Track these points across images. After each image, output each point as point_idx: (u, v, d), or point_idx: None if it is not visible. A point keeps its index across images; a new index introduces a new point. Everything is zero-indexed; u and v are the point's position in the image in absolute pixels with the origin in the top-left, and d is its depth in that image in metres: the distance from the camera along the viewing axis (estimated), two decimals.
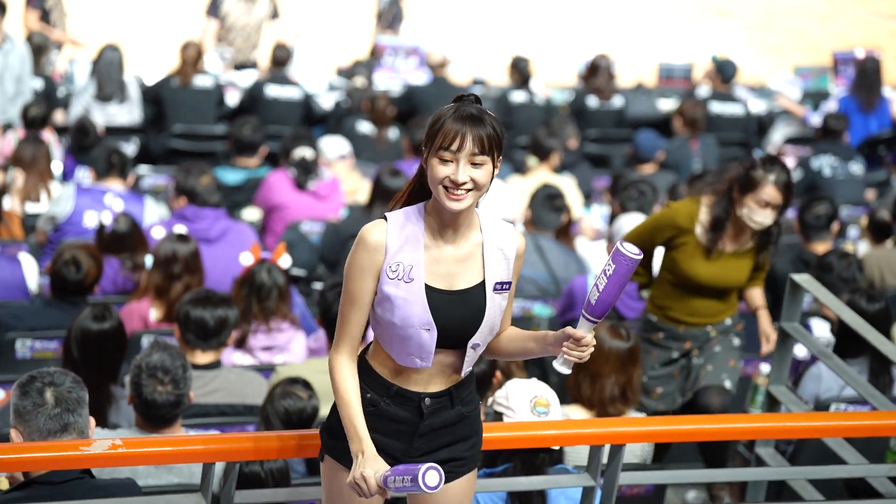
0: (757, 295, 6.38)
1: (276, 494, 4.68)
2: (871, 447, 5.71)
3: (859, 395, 5.70)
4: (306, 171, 9.38)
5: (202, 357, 5.96)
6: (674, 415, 6.26)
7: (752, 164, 6.12)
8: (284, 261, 6.74)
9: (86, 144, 9.96)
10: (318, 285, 8.20)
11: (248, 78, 12.56)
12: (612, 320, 5.97)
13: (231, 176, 10.05)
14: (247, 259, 6.71)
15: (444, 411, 3.98)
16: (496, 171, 3.87)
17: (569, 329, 3.83)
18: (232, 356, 6.47)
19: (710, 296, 6.29)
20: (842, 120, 11.50)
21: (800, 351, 6.51)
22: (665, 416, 6.20)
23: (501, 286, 3.93)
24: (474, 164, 3.78)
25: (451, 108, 3.83)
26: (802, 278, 5.59)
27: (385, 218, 3.90)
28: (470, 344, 3.92)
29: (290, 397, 5.35)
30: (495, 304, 3.92)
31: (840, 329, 6.30)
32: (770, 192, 6.02)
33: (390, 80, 13.28)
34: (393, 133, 11.54)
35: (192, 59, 11.71)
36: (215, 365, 5.99)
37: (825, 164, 11.01)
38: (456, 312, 3.86)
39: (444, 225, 3.88)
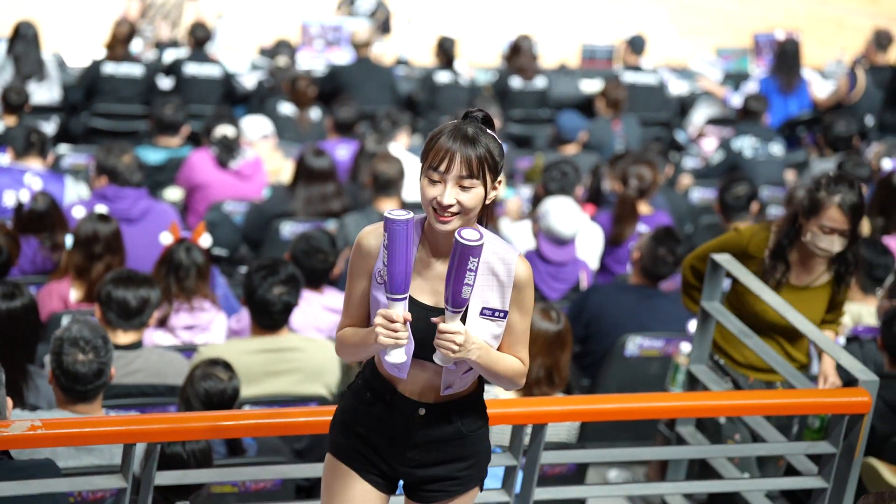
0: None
1: (198, 475, 4.67)
2: (789, 425, 5.76)
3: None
4: (228, 149, 9.32)
5: (123, 337, 5.90)
6: None
7: (816, 184, 5.50)
8: (205, 240, 6.69)
9: (16, 104, 9.87)
10: (241, 267, 8.15)
11: (168, 57, 12.44)
12: (542, 303, 5.94)
13: (153, 155, 9.97)
14: (166, 239, 6.66)
15: (441, 425, 3.89)
16: (495, 194, 3.76)
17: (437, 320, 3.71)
18: (153, 336, 6.42)
19: (779, 336, 5.76)
20: (762, 101, 11.57)
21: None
22: (587, 395, 6.21)
23: (492, 313, 3.79)
24: (462, 188, 3.68)
25: (449, 126, 3.74)
26: (722, 258, 5.61)
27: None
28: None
29: (211, 378, 5.33)
30: (480, 329, 3.77)
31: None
32: (834, 215, 5.42)
33: (314, 60, 13.21)
34: (315, 113, 11.48)
35: (123, 36, 11.57)
36: (137, 345, 5.94)
37: (746, 145, 11.08)
38: (431, 329, 3.70)
39: (437, 242, 3.79)
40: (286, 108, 11.45)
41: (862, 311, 7.12)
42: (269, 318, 6.10)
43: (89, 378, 5.03)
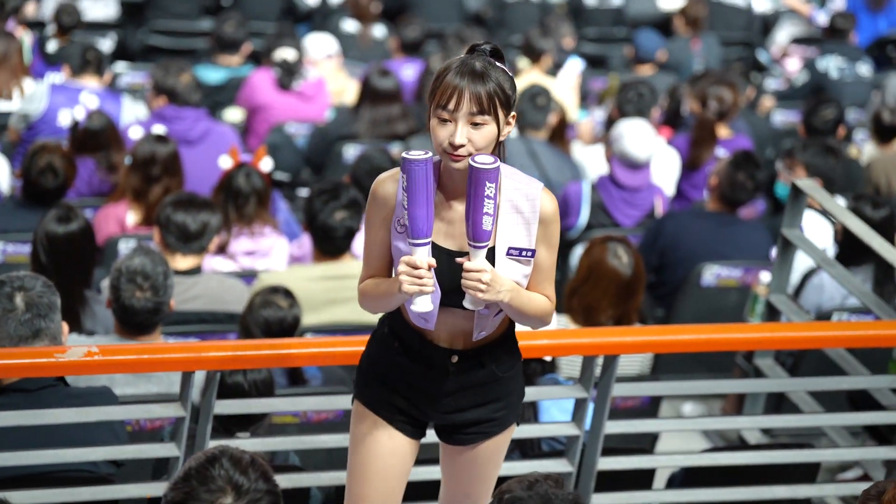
0: None
1: (258, 405, 4.58)
2: (873, 359, 5.63)
3: (862, 305, 5.59)
4: (289, 73, 9.19)
5: (183, 262, 5.83)
6: None
7: None
8: (266, 164, 6.59)
9: (68, 25, 9.75)
10: (303, 190, 8.04)
11: None
12: (614, 239, 5.70)
13: (212, 75, 9.84)
14: (226, 162, 6.56)
15: (474, 370, 3.77)
16: (507, 130, 3.61)
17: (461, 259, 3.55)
18: (213, 262, 6.33)
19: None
20: (849, 19, 11.29)
21: None
22: (661, 325, 6.11)
23: (519, 252, 3.63)
24: (474, 125, 3.51)
25: (456, 62, 3.58)
26: (805, 183, 5.45)
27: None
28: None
29: (271, 307, 5.25)
30: (509, 270, 3.63)
31: (843, 237, 6.16)
32: None
33: None
34: (379, 31, 11.30)
35: None
36: (196, 271, 5.86)
37: (832, 65, 10.81)
38: (460, 275, 3.53)
39: (456, 183, 3.62)
40: (349, 26, 11.27)
41: None
42: (332, 243, 5.99)
43: (146, 314, 4.97)
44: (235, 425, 4.69)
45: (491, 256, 3.59)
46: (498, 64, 3.59)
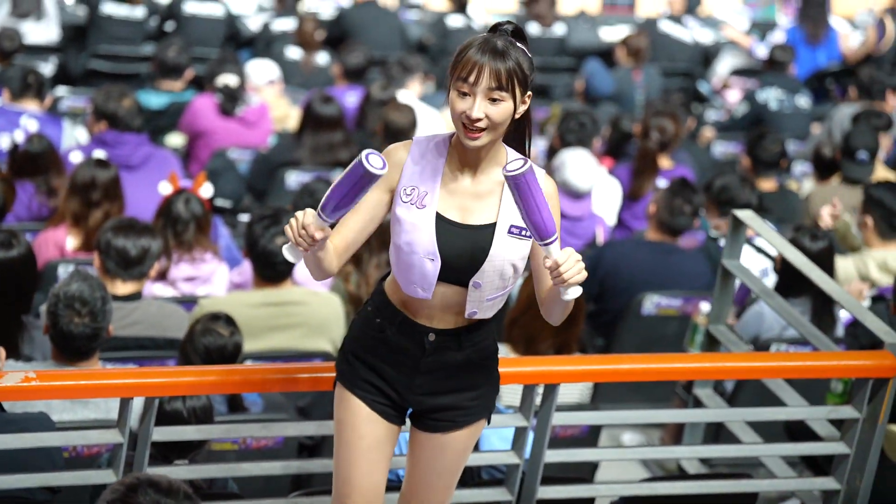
0: None
1: (197, 432, 4.55)
2: (811, 389, 5.64)
3: (801, 336, 5.61)
4: (232, 97, 9.15)
5: (122, 287, 5.77)
6: None
7: None
8: (206, 190, 6.54)
9: (9, 50, 9.66)
10: (245, 216, 8.01)
11: None
12: None
13: (154, 100, 9.78)
14: (165, 189, 6.51)
15: (450, 352, 3.86)
16: (522, 108, 3.71)
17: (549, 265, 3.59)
18: (153, 288, 6.28)
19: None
20: (788, 51, 11.38)
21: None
22: (601, 355, 6.11)
23: (520, 231, 3.74)
24: (492, 100, 3.63)
25: (478, 38, 3.69)
26: (745, 214, 5.47)
27: (412, 139, 3.82)
28: (471, 282, 3.76)
29: (212, 334, 5.20)
30: (508, 248, 3.74)
31: (782, 268, 6.20)
32: None
33: (322, 2, 13.00)
34: (322, 58, 11.29)
35: None
36: (136, 296, 5.81)
37: (772, 96, 10.91)
38: (461, 246, 3.72)
39: (466, 158, 3.76)
40: (292, 53, 11.25)
41: (887, 256, 7.09)
42: (272, 269, 5.95)
43: (84, 340, 4.93)
44: (174, 452, 4.66)
45: (489, 236, 3.72)
46: (518, 44, 3.69)
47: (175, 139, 9.52)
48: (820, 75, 12.12)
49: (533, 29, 12.22)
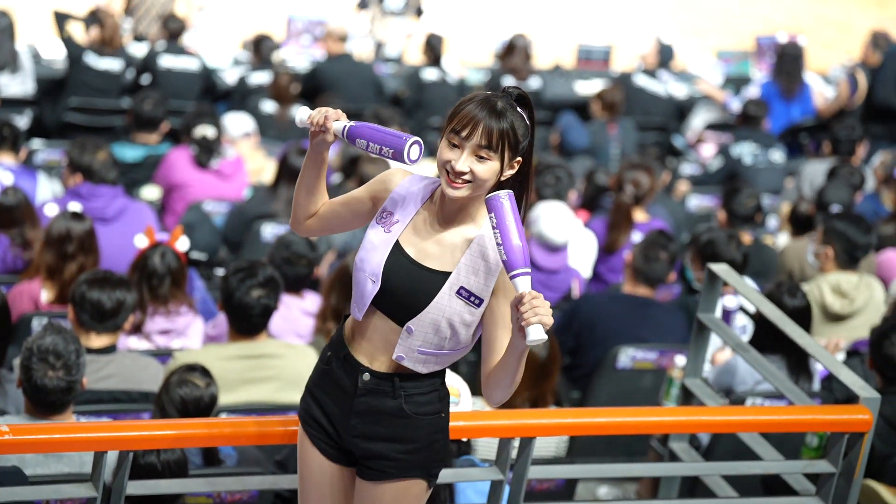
0: None
1: (171, 486, 4.55)
2: (786, 443, 5.64)
3: (776, 390, 5.62)
4: (208, 150, 9.16)
5: (97, 340, 5.76)
6: None
7: None
8: (182, 244, 6.52)
9: None
10: (220, 269, 8.00)
11: (142, 49, 12.22)
12: None
13: (130, 152, 9.78)
14: (141, 242, 6.49)
15: (383, 397, 3.87)
16: (510, 172, 3.75)
17: (512, 301, 3.61)
18: (128, 341, 6.25)
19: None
20: (761, 106, 11.45)
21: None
22: (577, 408, 6.11)
23: (469, 296, 3.76)
24: (479, 158, 3.69)
25: (481, 95, 3.75)
26: (720, 268, 5.47)
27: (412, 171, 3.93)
28: (406, 325, 3.78)
29: (187, 385, 5.17)
30: (451, 305, 3.76)
31: (758, 323, 6.21)
32: None
33: (298, 56, 13.02)
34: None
35: (117, 27, 11.35)
36: (110, 349, 5.79)
37: (746, 151, 10.97)
38: (406, 282, 3.77)
39: (445, 206, 3.81)
40: (268, 106, 11.27)
41: (840, 279, 7.21)
42: (248, 321, 5.93)
43: (58, 394, 4.90)
44: None
45: (438, 286, 3.74)
46: (518, 109, 3.75)
47: (150, 192, 9.51)
48: (794, 130, 12.20)
49: (508, 82, 12.23)
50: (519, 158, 3.75)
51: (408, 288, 3.77)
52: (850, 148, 10.76)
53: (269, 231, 8.31)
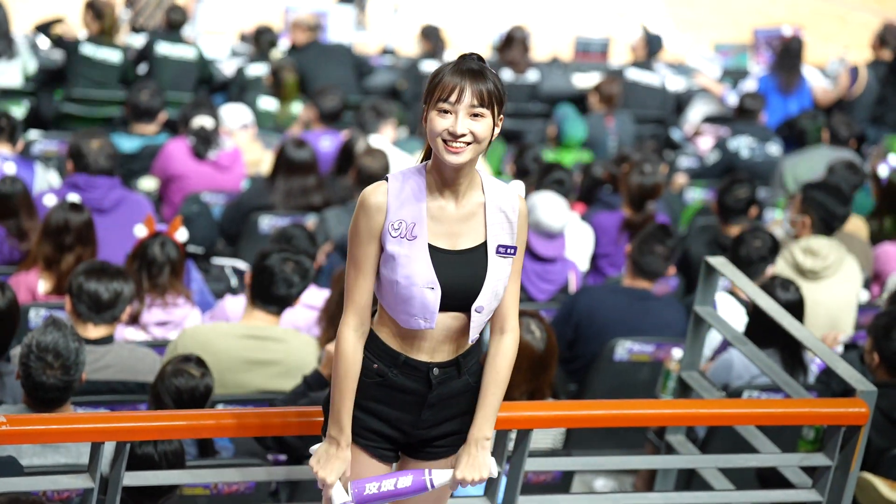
0: None
1: (168, 476, 4.56)
2: (783, 436, 5.65)
3: (772, 383, 5.62)
4: (205, 141, 9.14)
5: (94, 331, 5.75)
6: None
7: None
8: (181, 234, 6.53)
9: None
10: (217, 259, 7.99)
11: (140, 41, 12.20)
12: (528, 315, 5.69)
13: (127, 143, 9.76)
14: (140, 231, 6.49)
15: (452, 381, 3.95)
16: (497, 130, 3.82)
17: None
18: (125, 332, 6.25)
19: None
20: (758, 99, 11.44)
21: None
22: (574, 401, 6.11)
23: (505, 250, 3.86)
24: (473, 117, 3.75)
25: (451, 63, 3.82)
26: (717, 261, 5.49)
27: (386, 179, 3.87)
28: (474, 307, 3.85)
29: (183, 375, 5.18)
30: (498, 268, 3.86)
31: (753, 315, 6.21)
32: None
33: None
34: (296, 108, 11.30)
35: (115, 17, 11.33)
36: (107, 340, 5.79)
37: (743, 144, 10.96)
38: (459, 272, 3.82)
39: (445, 183, 3.84)
40: (266, 102, 11.26)
41: (811, 241, 7.30)
42: (269, 290, 5.96)
43: (56, 391, 4.91)
44: (145, 497, 4.65)
45: (483, 258, 3.83)
46: (489, 68, 3.82)
47: (148, 183, 9.50)
48: (791, 123, 12.17)
49: (506, 75, 12.24)
50: (502, 116, 3.83)
51: (463, 278, 3.83)
52: (817, 136, 10.77)
53: (267, 223, 8.31)
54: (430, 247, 3.81)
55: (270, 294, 5.96)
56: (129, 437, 4.29)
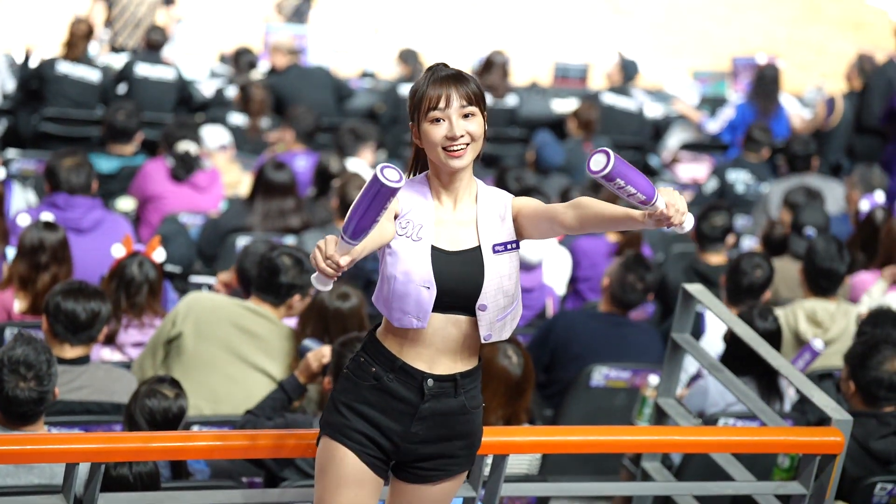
0: None
1: (143, 499, 4.52)
2: (758, 464, 5.64)
3: (748, 411, 5.62)
4: (188, 166, 9.14)
5: (70, 351, 5.73)
6: None
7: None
8: (159, 255, 6.52)
9: None
10: (194, 278, 7.97)
11: (121, 60, 12.20)
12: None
13: (105, 164, 9.75)
14: (118, 251, 6.48)
15: (447, 398, 3.98)
16: (486, 126, 3.92)
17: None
18: (101, 353, 6.23)
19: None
20: (767, 133, 11.45)
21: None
22: (550, 426, 6.10)
23: (504, 247, 3.94)
24: (465, 117, 3.87)
25: (426, 76, 3.92)
26: (695, 288, 5.48)
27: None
28: (477, 305, 3.91)
29: (156, 396, 5.16)
30: (499, 265, 3.92)
31: (730, 343, 6.22)
32: None
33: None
34: (265, 123, 11.31)
35: (82, 34, 11.31)
36: (84, 360, 5.76)
37: (740, 179, 11.05)
38: (456, 272, 3.89)
39: (446, 189, 3.95)
40: (237, 118, 11.26)
41: (816, 307, 7.22)
42: (270, 281, 6.14)
43: (30, 405, 4.87)
44: None
45: (479, 258, 3.91)
46: (462, 70, 3.93)
47: (125, 203, 9.49)
48: (782, 148, 12.16)
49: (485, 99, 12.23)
50: (486, 113, 3.94)
51: (461, 278, 3.89)
52: (806, 164, 10.79)
53: (244, 244, 8.29)
54: (432, 248, 3.88)
55: (270, 284, 6.11)
56: (103, 458, 4.26)
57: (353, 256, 3.61)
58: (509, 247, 3.95)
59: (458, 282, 3.88)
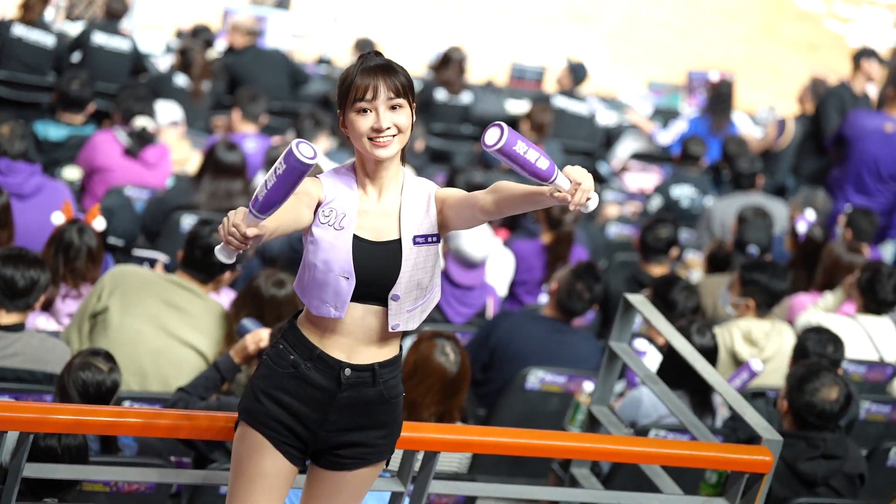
0: None
1: (69, 471, 4.51)
2: (686, 477, 5.66)
3: (679, 424, 5.64)
4: (143, 141, 9.08)
5: (6, 318, 5.68)
6: None
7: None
8: (99, 223, 6.49)
9: None
10: (137, 251, 7.92)
11: (77, 28, 12.10)
12: (442, 337, 5.68)
13: (53, 131, 9.66)
14: (58, 218, 6.43)
15: (364, 388, 3.96)
16: (414, 118, 3.91)
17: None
18: (37, 320, 6.18)
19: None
20: (701, 145, 11.47)
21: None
22: (482, 426, 6.09)
23: (424, 239, 3.92)
24: (393, 109, 3.84)
25: (356, 65, 3.89)
26: (636, 298, 5.50)
27: (318, 177, 3.93)
28: (390, 295, 3.89)
29: (90, 368, 5.12)
30: (416, 257, 3.90)
31: (666, 356, 6.24)
32: None
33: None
34: (206, 86, 11.25)
35: None
36: (19, 327, 5.71)
37: (685, 194, 11.09)
38: (375, 262, 3.87)
39: (371, 179, 3.93)
40: (181, 80, 11.20)
41: (752, 327, 7.26)
42: (201, 260, 6.14)
43: None
44: (44, 489, 4.59)
45: (398, 249, 3.88)
46: (394, 60, 3.90)
47: (71, 172, 9.41)
48: (717, 166, 12.28)
49: (440, 95, 12.24)
50: (415, 104, 3.92)
51: (379, 268, 3.87)
52: (751, 181, 10.84)
53: (189, 222, 8.25)
54: (354, 237, 3.86)
55: (203, 263, 6.11)
56: (32, 427, 4.23)
57: (263, 233, 3.55)
58: (430, 240, 3.93)
59: (377, 273, 3.87)
